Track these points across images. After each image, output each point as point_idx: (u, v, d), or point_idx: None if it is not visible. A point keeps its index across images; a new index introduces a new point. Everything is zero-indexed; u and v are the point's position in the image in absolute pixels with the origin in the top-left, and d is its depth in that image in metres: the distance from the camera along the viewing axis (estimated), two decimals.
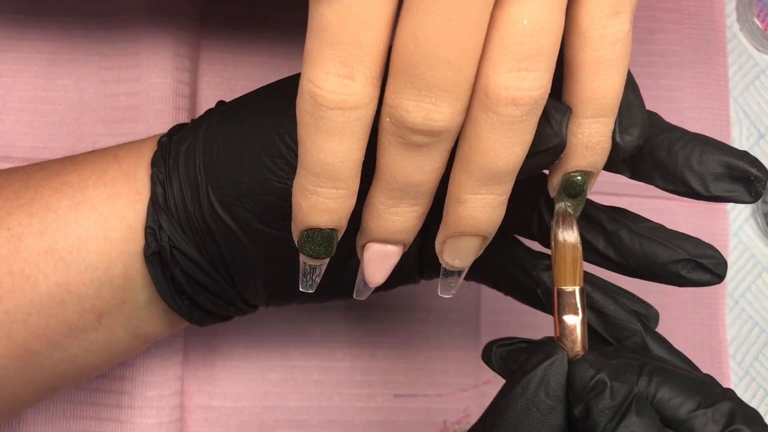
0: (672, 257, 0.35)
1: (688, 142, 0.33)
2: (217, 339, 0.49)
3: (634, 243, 0.35)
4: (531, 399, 0.31)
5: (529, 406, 0.31)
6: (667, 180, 0.34)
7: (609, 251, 0.36)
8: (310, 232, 0.31)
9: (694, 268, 0.35)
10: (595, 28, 0.29)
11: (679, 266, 0.35)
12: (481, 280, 0.41)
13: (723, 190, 0.33)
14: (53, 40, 0.49)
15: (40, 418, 0.47)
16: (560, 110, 0.30)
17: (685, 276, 0.35)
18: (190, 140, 0.36)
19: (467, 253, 0.32)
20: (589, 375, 0.30)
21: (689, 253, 0.35)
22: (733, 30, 0.56)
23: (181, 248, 0.36)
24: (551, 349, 0.31)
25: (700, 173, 0.33)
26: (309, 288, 0.34)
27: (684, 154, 0.33)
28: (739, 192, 0.33)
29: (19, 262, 0.35)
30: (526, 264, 0.38)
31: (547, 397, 0.31)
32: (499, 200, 0.30)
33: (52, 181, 0.37)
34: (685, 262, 0.35)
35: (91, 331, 0.37)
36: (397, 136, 0.29)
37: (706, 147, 0.33)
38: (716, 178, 0.33)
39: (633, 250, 0.35)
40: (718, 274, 0.35)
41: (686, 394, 0.31)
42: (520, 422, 0.31)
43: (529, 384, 0.31)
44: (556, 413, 0.31)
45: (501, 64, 0.27)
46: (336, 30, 0.27)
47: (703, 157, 0.33)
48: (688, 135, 0.34)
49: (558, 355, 0.31)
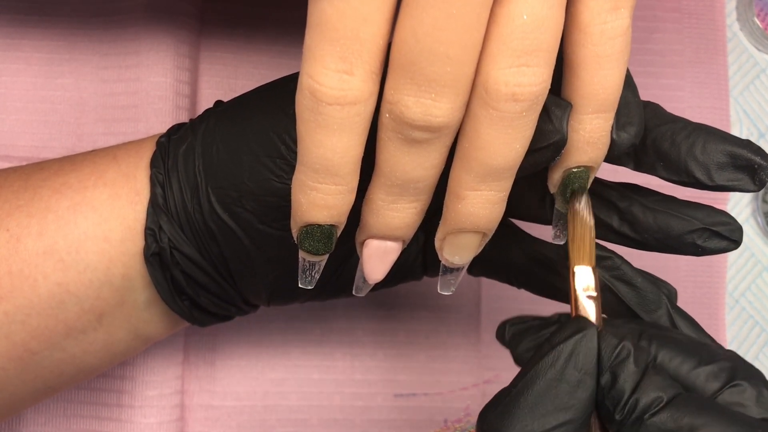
0: (687, 228, 0.35)
1: (691, 132, 0.33)
2: (217, 338, 0.49)
3: (648, 218, 0.35)
4: (560, 371, 0.31)
5: (559, 378, 0.31)
6: (671, 170, 0.34)
7: (624, 228, 0.36)
8: (309, 228, 0.31)
9: (709, 237, 0.35)
10: (595, 23, 0.29)
11: (695, 236, 0.35)
12: (493, 275, 0.41)
13: (727, 179, 0.33)
14: (53, 40, 0.49)
15: (40, 417, 0.47)
16: (561, 106, 0.30)
17: (702, 245, 0.35)
18: (189, 141, 0.36)
19: (467, 250, 0.32)
20: (614, 343, 0.31)
21: (703, 222, 0.35)
22: (733, 29, 0.56)
23: (181, 249, 0.36)
24: (582, 324, 0.32)
25: (703, 163, 0.33)
26: (308, 284, 0.33)
27: (687, 144, 0.33)
28: (743, 181, 0.33)
29: (18, 263, 0.35)
30: (539, 255, 0.38)
31: (576, 369, 0.31)
32: (499, 197, 0.30)
33: (51, 181, 0.37)
34: (701, 232, 0.35)
35: (91, 331, 0.37)
36: (397, 131, 0.29)
37: (709, 137, 0.33)
38: (720, 167, 0.33)
39: (647, 225, 0.35)
40: (734, 240, 0.35)
41: (686, 354, 0.31)
42: (548, 393, 0.31)
43: (560, 356, 0.31)
44: (584, 386, 0.31)
45: (501, 60, 0.27)
46: (335, 25, 0.27)
47: (706, 146, 0.33)
48: (691, 125, 0.34)
49: (589, 330, 0.32)
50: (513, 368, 0.50)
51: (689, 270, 0.53)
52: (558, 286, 0.38)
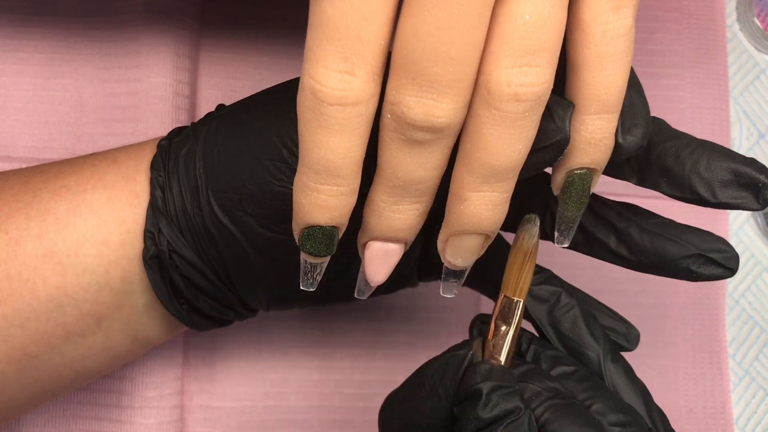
0: (682, 253, 0.35)
1: (695, 149, 0.33)
2: (217, 339, 0.49)
3: (644, 240, 0.35)
4: (425, 377, 0.33)
5: (423, 382, 0.33)
6: (675, 187, 0.34)
7: (621, 249, 0.36)
8: (311, 230, 0.31)
9: (704, 263, 0.35)
10: (598, 23, 0.29)
11: (690, 262, 0.35)
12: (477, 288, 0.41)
13: (730, 197, 0.33)
14: (53, 40, 0.49)
15: (40, 418, 0.47)
16: (563, 106, 0.30)
17: (696, 271, 0.35)
18: (190, 144, 0.36)
19: (469, 252, 0.32)
20: (473, 381, 0.31)
21: (699, 248, 0.35)
22: (733, 30, 0.56)
23: (181, 252, 0.36)
24: (464, 344, 0.33)
25: (707, 180, 0.33)
26: (310, 287, 0.33)
27: (691, 160, 0.33)
28: (747, 199, 0.33)
29: (17, 266, 0.35)
30: None
31: (438, 381, 0.32)
32: (502, 198, 0.30)
33: (51, 184, 0.37)
34: (696, 258, 0.35)
35: (90, 335, 0.37)
36: (398, 132, 0.28)
37: (713, 154, 0.33)
38: (724, 184, 0.33)
39: (644, 247, 0.35)
40: (729, 268, 0.35)
41: None
42: (412, 394, 0.33)
43: (432, 364, 0.33)
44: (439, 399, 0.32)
45: (503, 60, 0.27)
46: (337, 25, 0.26)
47: (710, 163, 0.33)
48: (696, 142, 0.34)
49: (463, 351, 0.33)
50: None
51: None
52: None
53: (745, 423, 0.52)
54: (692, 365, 0.52)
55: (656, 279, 0.51)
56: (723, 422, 0.51)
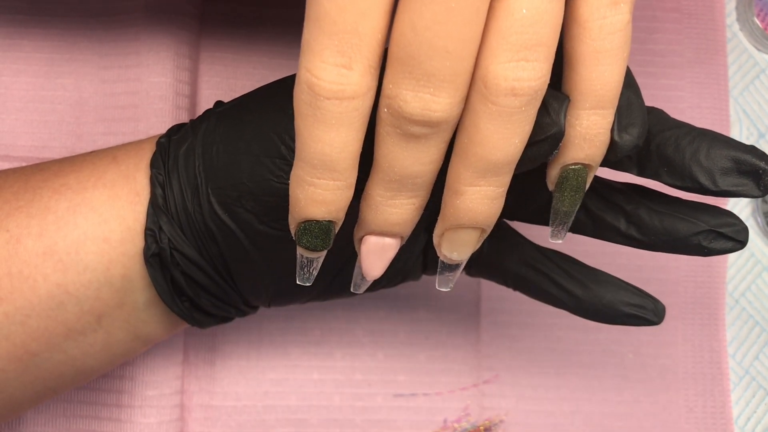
0: (693, 230, 0.35)
1: (695, 138, 0.33)
2: (217, 338, 0.49)
3: (654, 221, 0.35)
4: None
5: None
6: (675, 176, 0.34)
7: (631, 231, 0.36)
8: (307, 224, 0.31)
9: (715, 238, 0.35)
10: (594, 18, 0.29)
11: (701, 238, 0.35)
12: (490, 277, 0.41)
13: (731, 185, 0.33)
14: (53, 40, 0.49)
15: (40, 417, 0.47)
16: (558, 99, 0.30)
17: (708, 246, 0.35)
18: (189, 141, 0.36)
19: (465, 246, 0.32)
20: None
21: (708, 224, 0.35)
22: (733, 30, 0.56)
23: (181, 250, 0.36)
24: None
25: (708, 168, 0.33)
26: (306, 281, 0.33)
27: (691, 149, 0.33)
28: (748, 186, 0.33)
29: (17, 264, 0.35)
30: (536, 262, 0.39)
31: None
32: (498, 192, 0.30)
33: (51, 182, 0.37)
34: (706, 233, 0.35)
35: (91, 332, 0.37)
36: (395, 126, 0.28)
37: (713, 142, 0.33)
38: (724, 172, 0.33)
39: (654, 227, 0.35)
40: (740, 241, 0.35)
41: None
42: None
43: None
44: None
45: (500, 54, 0.27)
46: (334, 19, 0.26)
47: (710, 152, 0.33)
48: (696, 131, 0.34)
49: None
50: (512, 368, 0.50)
51: (689, 270, 0.53)
52: (551, 292, 0.39)
53: (744, 423, 0.52)
54: (692, 365, 0.52)
55: (655, 279, 0.52)
56: (723, 422, 0.51)
